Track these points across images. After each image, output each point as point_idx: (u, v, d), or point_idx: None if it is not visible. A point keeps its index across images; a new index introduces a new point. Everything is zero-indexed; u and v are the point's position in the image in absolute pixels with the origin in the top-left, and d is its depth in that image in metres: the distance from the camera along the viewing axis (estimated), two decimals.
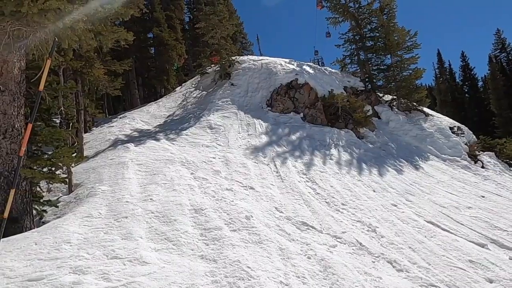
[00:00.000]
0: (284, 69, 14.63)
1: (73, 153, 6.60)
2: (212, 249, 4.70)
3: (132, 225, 5.16)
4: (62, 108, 7.46)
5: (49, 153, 6.30)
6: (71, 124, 7.66)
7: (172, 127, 11.56)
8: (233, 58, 16.31)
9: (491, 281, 5.07)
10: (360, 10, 18.02)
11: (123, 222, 5.26)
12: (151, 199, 6.17)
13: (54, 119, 7.53)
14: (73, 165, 6.86)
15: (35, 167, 5.97)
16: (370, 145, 12.15)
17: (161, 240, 4.83)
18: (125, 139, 10.67)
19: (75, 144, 7.39)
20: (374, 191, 8.44)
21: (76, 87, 7.68)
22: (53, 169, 6.11)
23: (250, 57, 18.35)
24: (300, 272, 4.45)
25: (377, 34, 17.61)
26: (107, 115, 18.13)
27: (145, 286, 3.71)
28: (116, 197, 6.26)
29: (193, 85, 16.87)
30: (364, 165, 10.02)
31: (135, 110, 16.06)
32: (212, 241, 4.93)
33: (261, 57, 17.27)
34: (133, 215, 5.49)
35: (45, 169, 6.18)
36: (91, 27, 5.22)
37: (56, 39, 4.35)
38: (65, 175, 6.67)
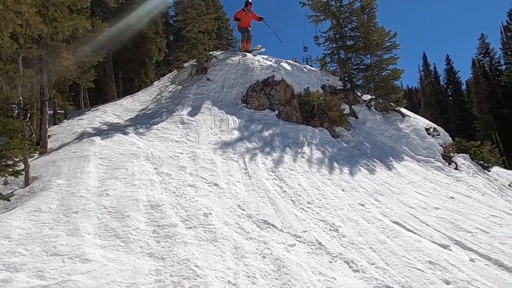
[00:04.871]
0: (261, 65, 14.41)
1: (27, 145, 6.32)
2: (163, 247, 4.53)
3: (81, 221, 4.93)
4: (21, 98, 7.14)
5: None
6: (28, 114, 7.35)
7: (144, 121, 11.26)
8: (211, 52, 16.04)
9: (448, 283, 4.99)
10: (342, 9, 17.88)
11: (72, 217, 5.03)
12: (107, 194, 5.92)
13: (12, 110, 7.22)
14: (28, 157, 6.57)
15: None
16: (345, 144, 12.08)
17: (110, 237, 4.63)
18: (93, 132, 10.33)
19: (32, 136, 7.09)
20: (343, 190, 8.35)
21: (35, 76, 7.35)
22: (4, 160, 5.82)
23: (228, 52, 18.08)
24: (251, 271, 4.31)
25: (358, 34, 17.52)
26: (83, 108, 17.65)
27: (81, 285, 3.51)
28: (70, 191, 6.00)
29: (169, 79, 16.54)
30: (335, 164, 9.91)
31: (109, 103, 15.64)
32: (164, 238, 4.75)
33: (239, 53, 17.01)
34: (84, 210, 5.25)
35: None
36: (42, 11, 4.97)
37: None
38: (19, 168, 6.38)
